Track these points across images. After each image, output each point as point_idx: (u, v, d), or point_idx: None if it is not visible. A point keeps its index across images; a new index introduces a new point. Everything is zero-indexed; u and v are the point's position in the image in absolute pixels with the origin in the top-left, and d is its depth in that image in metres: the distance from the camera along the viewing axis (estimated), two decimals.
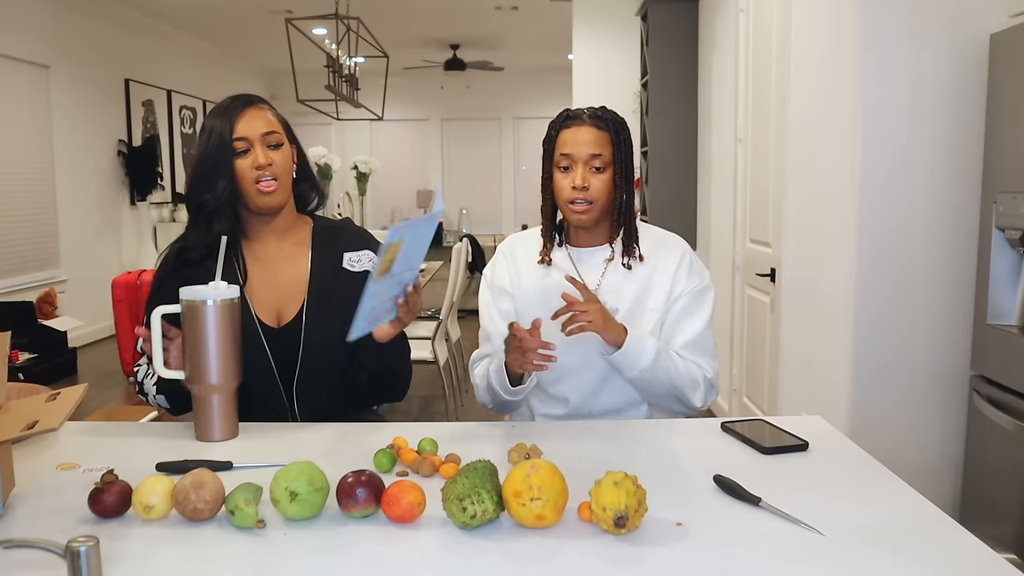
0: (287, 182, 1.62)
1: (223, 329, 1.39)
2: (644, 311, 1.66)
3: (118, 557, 0.97)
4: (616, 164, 1.61)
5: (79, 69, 6.55)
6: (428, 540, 1.02)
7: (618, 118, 1.65)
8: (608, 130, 1.61)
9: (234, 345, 1.41)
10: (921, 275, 2.48)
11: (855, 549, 0.98)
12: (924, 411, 2.52)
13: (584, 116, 1.62)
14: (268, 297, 1.64)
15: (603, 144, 1.60)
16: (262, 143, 1.57)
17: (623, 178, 1.62)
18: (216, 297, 1.38)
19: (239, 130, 1.56)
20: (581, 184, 1.59)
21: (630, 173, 1.64)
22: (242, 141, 1.56)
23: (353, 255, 1.68)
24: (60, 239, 6.30)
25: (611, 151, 1.60)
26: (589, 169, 1.60)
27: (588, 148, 1.59)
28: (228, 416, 1.42)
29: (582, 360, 1.65)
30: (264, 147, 1.57)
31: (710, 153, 4.30)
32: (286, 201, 1.64)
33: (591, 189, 1.59)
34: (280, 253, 1.67)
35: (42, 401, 1.18)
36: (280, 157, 1.59)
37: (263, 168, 1.56)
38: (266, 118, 1.60)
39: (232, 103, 1.60)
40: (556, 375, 1.68)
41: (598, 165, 1.60)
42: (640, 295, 1.66)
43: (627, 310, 1.65)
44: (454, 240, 7.85)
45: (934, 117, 2.43)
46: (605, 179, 1.60)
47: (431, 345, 4.24)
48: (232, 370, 1.41)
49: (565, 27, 6.16)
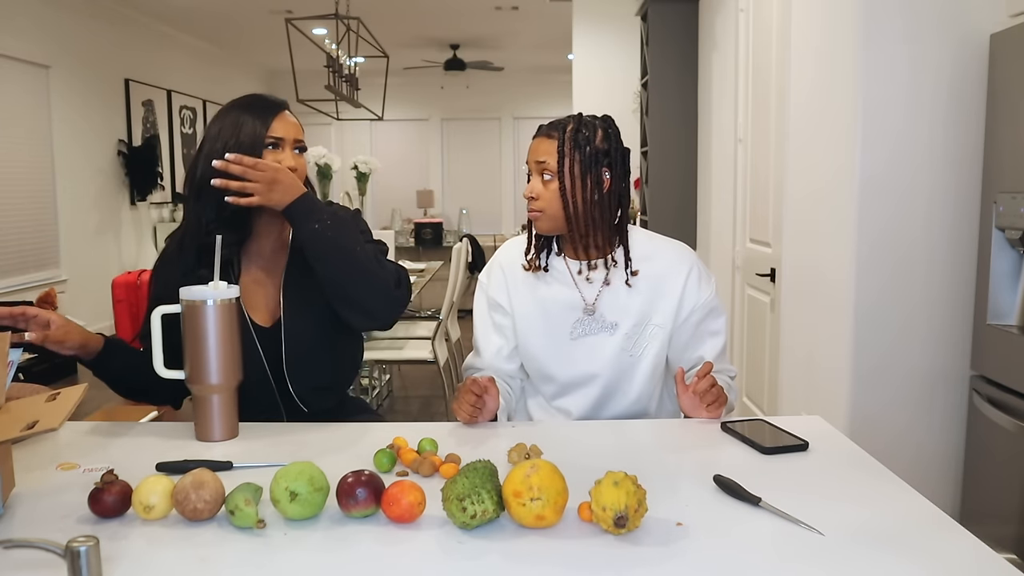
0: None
1: (223, 329, 1.39)
2: (650, 326, 1.63)
3: (118, 557, 0.97)
4: (561, 172, 1.56)
5: (79, 69, 6.55)
6: (428, 540, 1.02)
7: (587, 122, 1.59)
8: (557, 139, 1.57)
9: (233, 345, 1.41)
10: (921, 275, 2.48)
11: (855, 549, 0.98)
12: (924, 411, 2.52)
13: (546, 125, 1.62)
14: (260, 296, 1.64)
15: (549, 152, 1.58)
16: (292, 147, 1.60)
17: (573, 186, 1.56)
18: (216, 297, 1.38)
19: (276, 129, 1.57)
20: (528, 193, 1.61)
21: (594, 182, 1.57)
22: (277, 140, 1.58)
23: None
24: (60, 239, 6.30)
25: (556, 160, 1.57)
26: (539, 178, 1.60)
27: (536, 156, 1.60)
28: (228, 416, 1.42)
29: (586, 375, 1.64)
30: (292, 151, 1.60)
31: (710, 153, 4.30)
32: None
33: (539, 199, 1.59)
34: (273, 252, 1.67)
35: (42, 401, 1.18)
36: (303, 164, 1.62)
37: (291, 171, 1.56)
38: (297, 125, 1.62)
39: (269, 103, 1.60)
40: (559, 390, 1.67)
41: (545, 174, 1.59)
42: (645, 310, 1.63)
43: (631, 325, 1.62)
44: (454, 240, 7.85)
45: (934, 117, 2.43)
46: (553, 188, 1.58)
47: (431, 345, 4.24)
48: (232, 370, 1.41)
49: (565, 27, 6.17)
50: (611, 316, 1.62)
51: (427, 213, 10.17)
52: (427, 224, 8.44)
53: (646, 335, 1.62)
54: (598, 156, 1.58)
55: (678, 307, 1.63)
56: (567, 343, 1.64)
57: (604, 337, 1.63)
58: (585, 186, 1.57)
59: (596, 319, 1.63)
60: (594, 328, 1.63)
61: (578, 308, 1.64)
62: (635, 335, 1.62)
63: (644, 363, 1.63)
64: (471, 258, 7.28)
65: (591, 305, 1.64)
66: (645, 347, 1.63)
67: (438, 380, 4.39)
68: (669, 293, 1.63)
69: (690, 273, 1.64)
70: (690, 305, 1.63)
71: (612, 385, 1.64)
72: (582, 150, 1.57)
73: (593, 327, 1.63)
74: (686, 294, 1.63)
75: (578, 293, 1.64)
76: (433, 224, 8.44)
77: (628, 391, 1.64)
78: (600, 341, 1.63)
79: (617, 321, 1.62)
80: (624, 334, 1.62)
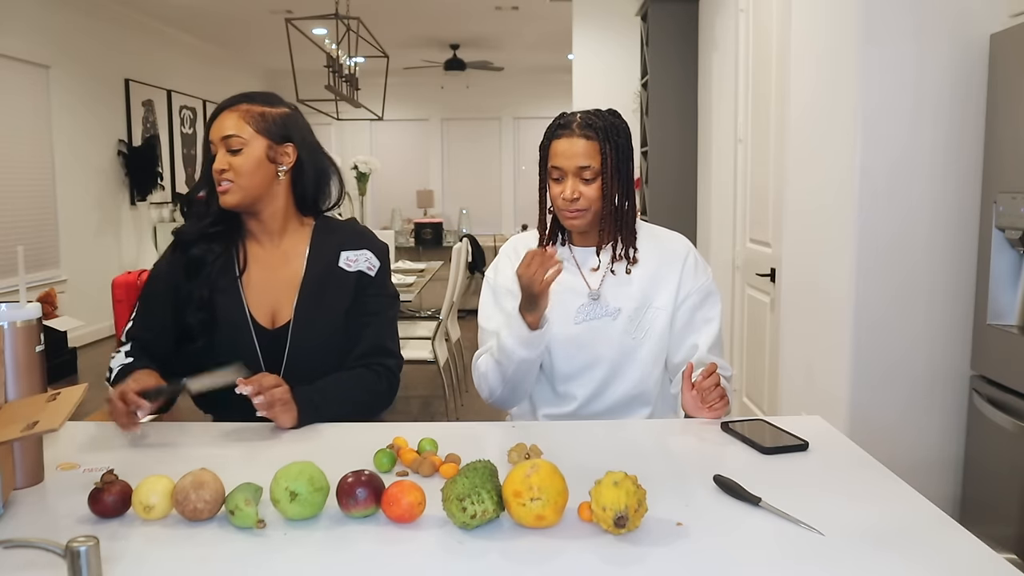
0: (248, 184, 1.59)
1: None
2: (651, 309, 1.66)
3: (118, 557, 0.97)
4: (605, 172, 1.59)
5: (79, 69, 6.55)
6: (428, 540, 1.02)
7: (612, 122, 1.62)
8: (597, 139, 1.59)
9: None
10: (921, 274, 2.48)
11: (855, 549, 0.98)
12: (924, 411, 2.52)
13: (574, 126, 1.60)
14: (264, 298, 1.64)
15: (592, 155, 1.58)
16: (223, 147, 1.59)
17: (615, 184, 1.61)
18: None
19: (211, 133, 1.61)
20: (571, 196, 1.60)
21: (626, 177, 1.63)
22: (212, 145, 1.60)
23: (351, 254, 1.66)
24: (60, 239, 6.30)
25: (599, 160, 1.59)
26: (579, 179, 1.59)
27: (576, 160, 1.58)
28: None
29: (592, 358, 1.66)
30: (225, 151, 1.58)
31: (710, 153, 4.30)
32: (250, 202, 1.62)
33: (582, 199, 1.60)
34: (277, 254, 1.67)
35: (42, 401, 1.18)
36: (238, 161, 1.58)
37: (219, 172, 1.58)
38: (234, 120, 1.59)
39: (222, 105, 1.63)
40: (566, 374, 1.69)
41: (588, 176, 1.59)
42: (647, 293, 1.67)
43: (633, 309, 1.66)
44: (454, 240, 7.84)
45: (934, 117, 2.43)
46: (596, 187, 1.60)
47: (431, 345, 4.24)
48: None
49: (565, 27, 6.16)
50: (615, 302, 1.66)
51: (427, 213, 10.17)
52: (427, 224, 8.44)
53: (648, 318, 1.66)
54: (628, 148, 1.63)
55: (677, 289, 1.67)
56: (572, 328, 1.66)
57: (607, 322, 1.66)
58: (628, 179, 1.63)
59: (600, 304, 1.66)
60: (598, 313, 1.66)
61: (583, 294, 1.67)
62: (637, 318, 1.65)
63: (647, 345, 1.66)
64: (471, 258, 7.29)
65: (595, 291, 1.67)
66: (648, 329, 1.66)
67: (438, 380, 4.39)
68: (669, 276, 1.67)
69: (687, 257, 1.70)
70: (687, 288, 1.68)
71: (615, 368, 1.66)
72: (619, 148, 1.61)
73: (597, 312, 1.66)
74: (684, 277, 1.68)
75: (583, 280, 1.68)
76: (433, 224, 8.44)
77: (631, 374, 1.67)
78: (603, 325, 1.66)
79: (620, 306, 1.66)
80: (627, 317, 1.65)
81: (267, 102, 1.64)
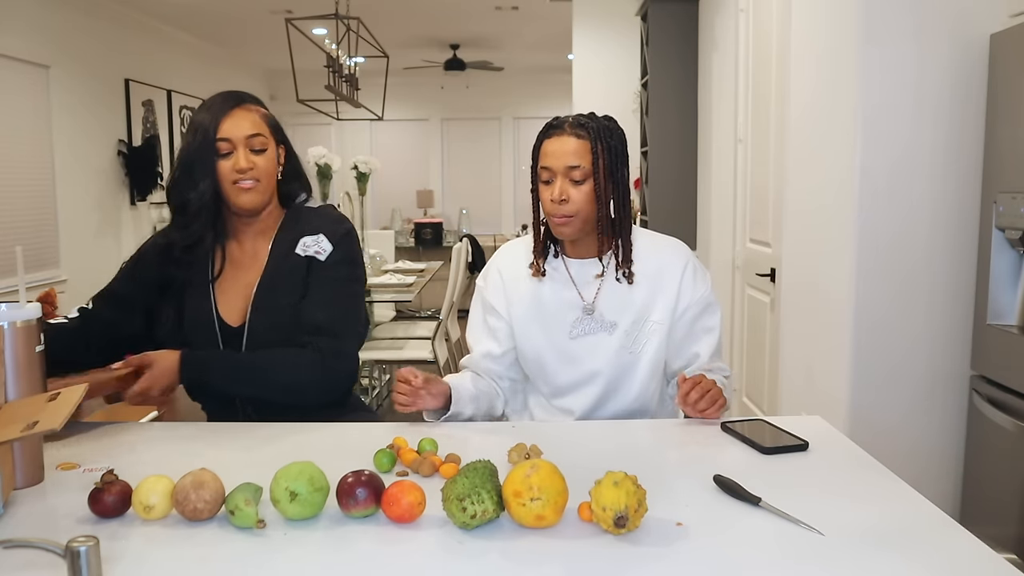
0: (268, 185, 1.61)
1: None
2: (648, 323, 1.62)
3: (118, 557, 0.97)
4: (596, 173, 1.53)
5: (79, 69, 6.55)
6: (428, 540, 1.02)
7: (606, 125, 1.56)
8: (588, 138, 1.53)
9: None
10: (921, 274, 2.48)
11: (855, 549, 0.98)
12: (924, 411, 2.52)
13: (565, 125, 1.55)
14: (233, 296, 1.64)
15: (582, 153, 1.52)
16: (245, 146, 1.56)
17: (607, 188, 1.54)
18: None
19: (224, 130, 1.55)
20: (559, 197, 1.53)
21: (621, 184, 1.57)
22: (226, 143, 1.55)
23: (308, 239, 1.63)
24: (60, 239, 6.29)
25: (590, 160, 1.52)
26: (568, 181, 1.53)
27: (566, 159, 1.52)
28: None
29: (588, 374, 1.63)
30: (247, 150, 1.56)
31: (710, 153, 4.30)
32: (265, 203, 1.62)
33: (571, 202, 1.53)
34: (252, 250, 1.66)
35: (42, 401, 1.18)
36: (263, 161, 1.58)
37: (243, 172, 1.55)
38: (253, 119, 1.58)
39: (221, 102, 1.58)
40: (560, 390, 1.67)
41: (577, 177, 1.53)
42: (643, 308, 1.62)
43: (631, 323, 1.62)
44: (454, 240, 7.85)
45: (934, 117, 2.43)
46: (586, 190, 1.53)
47: (431, 345, 4.24)
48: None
49: (565, 27, 6.16)
50: (610, 315, 1.62)
51: (427, 213, 10.16)
52: (427, 224, 8.44)
53: (645, 332, 1.62)
54: (622, 154, 1.57)
55: (675, 302, 1.63)
56: (566, 343, 1.63)
57: (603, 336, 1.62)
58: (622, 184, 1.57)
59: (595, 318, 1.62)
60: (593, 327, 1.62)
61: (577, 307, 1.63)
62: (634, 332, 1.61)
63: (644, 360, 1.63)
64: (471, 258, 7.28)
65: (590, 304, 1.63)
66: (644, 344, 1.62)
67: None
68: (666, 289, 1.63)
69: (686, 268, 1.64)
70: (686, 300, 1.63)
71: (613, 383, 1.63)
72: (612, 150, 1.55)
73: (592, 326, 1.62)
74: (682, 289, 1.63)
75: (577, 293, 1.64)
76: (433, 224, 8.44)
77: (629, 389, 1.64)
78: (599, 340, 1.62)
79: (616, 320, 1.62)
80: (623, 332, 1.61)
81: (262, 103, 1.65)
